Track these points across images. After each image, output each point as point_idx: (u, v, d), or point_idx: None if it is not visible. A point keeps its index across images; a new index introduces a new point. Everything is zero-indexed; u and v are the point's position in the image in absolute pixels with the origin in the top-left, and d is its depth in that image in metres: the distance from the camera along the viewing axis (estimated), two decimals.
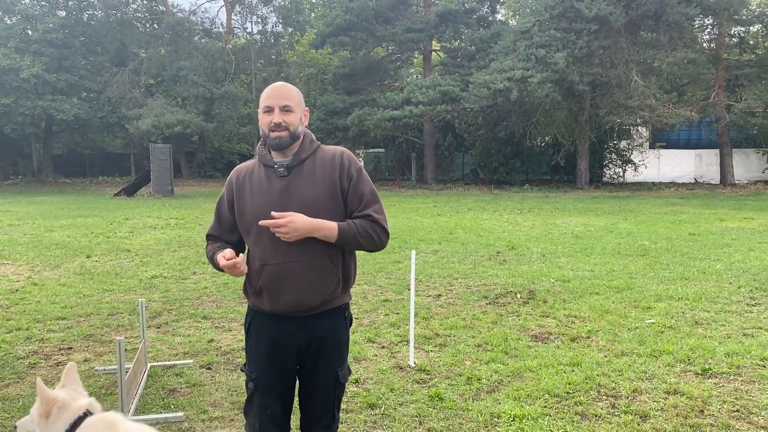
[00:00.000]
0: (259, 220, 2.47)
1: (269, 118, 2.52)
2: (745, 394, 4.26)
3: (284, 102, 2.51)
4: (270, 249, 2.50)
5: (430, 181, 30.54)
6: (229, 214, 2.65)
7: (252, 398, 2.65)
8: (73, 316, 6.48)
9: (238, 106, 36.28)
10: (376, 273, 8.53)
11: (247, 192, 2.57)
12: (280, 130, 2.50)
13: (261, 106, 2.56)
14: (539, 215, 16.43)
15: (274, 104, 2.51)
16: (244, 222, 2.58)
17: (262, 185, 2.55)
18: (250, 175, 2.60)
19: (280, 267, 2.49)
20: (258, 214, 2.50)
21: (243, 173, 2.64)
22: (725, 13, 25.91)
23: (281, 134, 2.50)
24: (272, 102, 2.51)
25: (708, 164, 30.60)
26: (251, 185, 2.57)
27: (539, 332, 5.77)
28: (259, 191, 2.55)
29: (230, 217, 2.65)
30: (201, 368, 4.91)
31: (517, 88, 23.51)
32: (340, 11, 29.73)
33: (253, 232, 2.55)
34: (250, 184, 2.58)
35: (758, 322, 5.95)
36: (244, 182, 2.60)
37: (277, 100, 2.51)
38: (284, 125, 2.50)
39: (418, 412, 4.05)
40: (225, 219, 2.67)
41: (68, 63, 33.25)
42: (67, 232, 13.33)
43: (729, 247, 10.42)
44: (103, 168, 39.77)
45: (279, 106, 2.50)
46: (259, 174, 2.58)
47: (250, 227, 2.55)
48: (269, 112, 2.52)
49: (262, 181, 2.56)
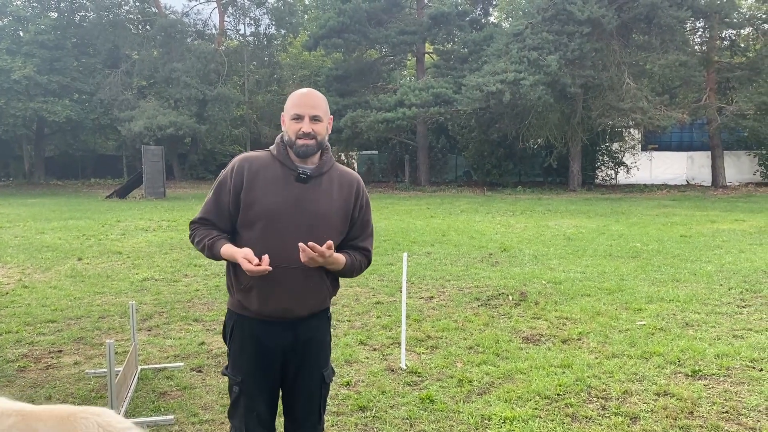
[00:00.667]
0: (269, 218, 2.47)
1: (298, 125, 2.50)
2: (734, 396, 4.28)
3: (314, 112, 2.50)
4: (273, 250, 2.45)
5: (424, 183, 30.58)
6: (232, 202, 2.56)
7: (237, 401, 2.64)
8: (63, 319, 6.45)
9: (231, 108, 36.25)
10: (368, 275, 8.52)
11: (260, 185, 2.51)
12: (308, 139, 2.49)
13: (289, 112, 2.53)
14: (532, 217, 16.47)
15: (305, 113, 2.49)
16: (250, 214, 2.52)
17: (278, 184, 2.52)
18: (264, 169, 2.54)
19: (277, 271, 2.45)
20: (268, 213, 2.48)
21: (256, 165, 2.55)
22: (716, 16, 26.07)
23: (309, 143, 2.50)
24: (302, 110, 2.50)
25: (700, 166, 30.77)
26: (266, 180, 2.52)
27: (530, 334, 5.78)
28: (274, 189, 2.51)
29: (231, 204, 2.56)
30: (192, 371, 4.89)
31: (510, 91, 23.57)
32: (333, 13, 29.74)
33: (256, 228, 2.51)
34: (265, 178, 2.53)
35: (748, 324, 5.98)
36: (257, 174, 2.53)
37: (308, 109, 2.49)
38: (313, 134, 2.49)
39: (408, 414, 4.05)
40: (224, 205, 2.58)
41: (60, 64, 33.14)
42: (59, 234, 13.27)
43: (720, 249, 10.47)
44: (95, 170, 39.64)
45: (309, 115, 2.49)
46: (276, 172, 2.54)
47: (255, 221, 2.51)
48: (298, 120, 2.50)
49: (279, 180, 2.52)
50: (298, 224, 2.49)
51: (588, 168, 30.06)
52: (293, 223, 2.49)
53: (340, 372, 4.78)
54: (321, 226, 2.51)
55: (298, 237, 2.45)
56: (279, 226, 2.49)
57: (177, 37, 36.20)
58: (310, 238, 2.44)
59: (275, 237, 2.48)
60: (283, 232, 2.49)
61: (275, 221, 2.49)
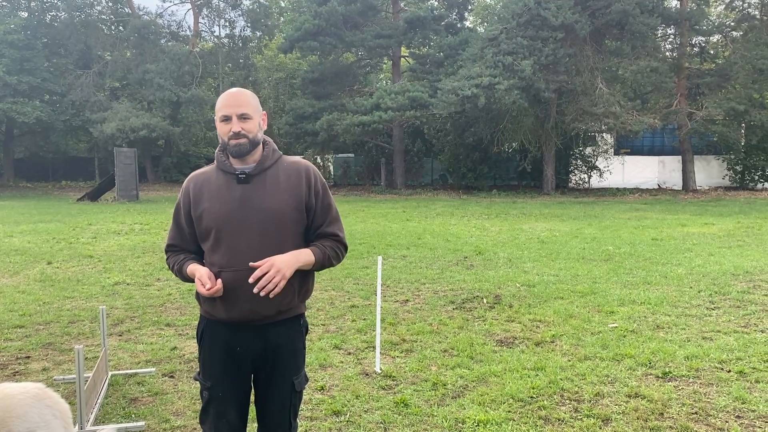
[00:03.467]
0: (218, 225, 2.48)
1: (228, 126, 2.50)
2: (703, 397, 4.35)
3: (241, 110, 2.50)
4: (228, 255, 2.48)
5: (400, 186, 30.62)
6: (187, 223, 2.61)
7: (207, 407, 2.62)
8: (32, 324, 6.33)
9: (205, 110, 35.93)
10: (343, 279, 8.51)
11: (204, 198, 2.54)
12: (239, 138, 2.49)
13: (218, 115, 2.54)
14: (506, 220, 16.59)
15: (232, 113, 2.49)
16: (201, 227, 2.55)
17: (221, 191, 2.53)
18: (207, 182, 2.58)
19: (237, 274, 2.46)
20: (216, 220, 2.49)
21: (201, 180, 2.60)
22: (686, 23, 26.57)
23: (240, 141, 2.50)
24: (229, 111, 2.50)
25: (671, 170, 31.26)
26: (209, 191, 2.54)
27: (504, 337, 5.81)
28: (218, 197, 2.52)
29: (187, 224, 2.61)
30: (164, 376, 4.83)
31: (485, 95, 23.72)
32: (309, 16, 29.67)
33: (211, 237, 2.53)
34: (209, 190, 2.55)
35: (717, 326, 6.08)
36: (201, 188, 2.57)
37: (234, 109, 2.50)
38: (243, 133, 2.49)
39: (383, 418, 4.05)
40: (183, 227, 2.63)
41: (30, 65, 32.56)
42: (28, 237, 13.02)
43: (690, 252, 10.64)
44: (66, 172, 38.99)
45: (236, 114, 2.49)
46: (218, 180, 2.56)
47: (208, 233, 2.53)
48: (227, 121, 2.51)
49: (221, 187, 2.54)
50: (249, 225, 2.48)
51: (562, 172, 30.36)
52: (243, 224, 2.48)
53: (314, 377, 4.76)
54: (274, 222, 2.49)
55: (251, 238, 2.47)
56: (229, 230, 2.49)
57: (151, 38, 35.81)
58: (264, 236, 2.47)
59: (228, 242, 2.49)
60: (235, 235, 2.48)
61: (225, 226, 2.49)
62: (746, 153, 28.98)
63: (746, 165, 29.28)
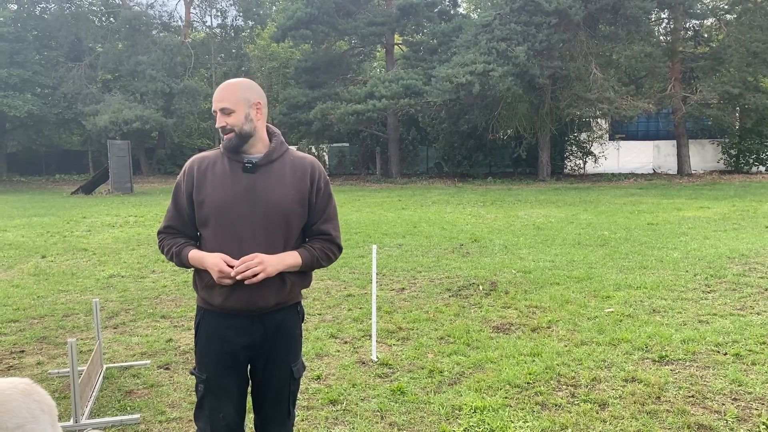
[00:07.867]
0: (221, 213, 2.44)
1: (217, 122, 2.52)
2: (700, 380, 4.35)
3: (221, 105, 2.47)
4: (228, 243, 2.44)
5: (395, 174, 30.57)
6: (189, 205, 2.55)
7: (203, 401, 2.57)
8: (26, 318, 6.29)
9: (198, 101, 35.77)
10: (339, 268, 8.48)
11: (208, 182, 2.49)
12: (226, 133, 2.48)
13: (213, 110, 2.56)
14: (502, 207, 16.57)
15: (216, 108, 2.49)
16: (203, 213, 2.50)
17: (226, 178, 2.48)
18: (212, 166, 2.52)
19: None
20: (220, 208, 2.45)
21: (205, 163, 2.54)
22: (680, 7, 26.49)
23: (228, 136, 2.49)
24: (215, 106, 2.50)
25: (666, 155, 31.27)
26: (213, 176, 2.50)
27: (501, 323, 5.80)
28: (222, 184, 2.47)
29: (188, 207, 2.55)
30: (159, 369, 4.81)
31: (479, 82, 23.65)
32: (301, 4, 29.44)
33: (211, 224, 2.48)
34: (213, 175, 2.50)
35: (713, 309, 6.09)
36: (206, 172, 2.51)
37: (217, 104, 2.49)
38: (228, 128, 2.47)
39: (379, 406, 4.03)
40: (183, 209, 2.57)
41: (21, 58, 32.32)
42: (22, 231, 12.96)
43: (686, 236, 10.65)
44: (59, 166, 38.79)
45: (219, 109, 2.48)
46: (223, 167, 2.51)
47: (208, 219, 2.49)
48: (217, 116, 2.51)
49: (227, 174, 2.49)
50: (252, 215, 2.45)
51: (557, 158, 30.36)
52: (246, 214, 2.45)
53: (310, 366, 4.75)
54: (278, 214, 2.46)
55: (253, 228, 2.44)
56: (231, 218, 2.45)
57: (142, 29, 35.54)
58: (266, 227, 2.44)
59: (229, 231, 2.45)
60: (236, 224, 2.45)
61: (227, 215, 2.45)
62: (741, 136, 29.02)
63: (741, 148, 29.33)
